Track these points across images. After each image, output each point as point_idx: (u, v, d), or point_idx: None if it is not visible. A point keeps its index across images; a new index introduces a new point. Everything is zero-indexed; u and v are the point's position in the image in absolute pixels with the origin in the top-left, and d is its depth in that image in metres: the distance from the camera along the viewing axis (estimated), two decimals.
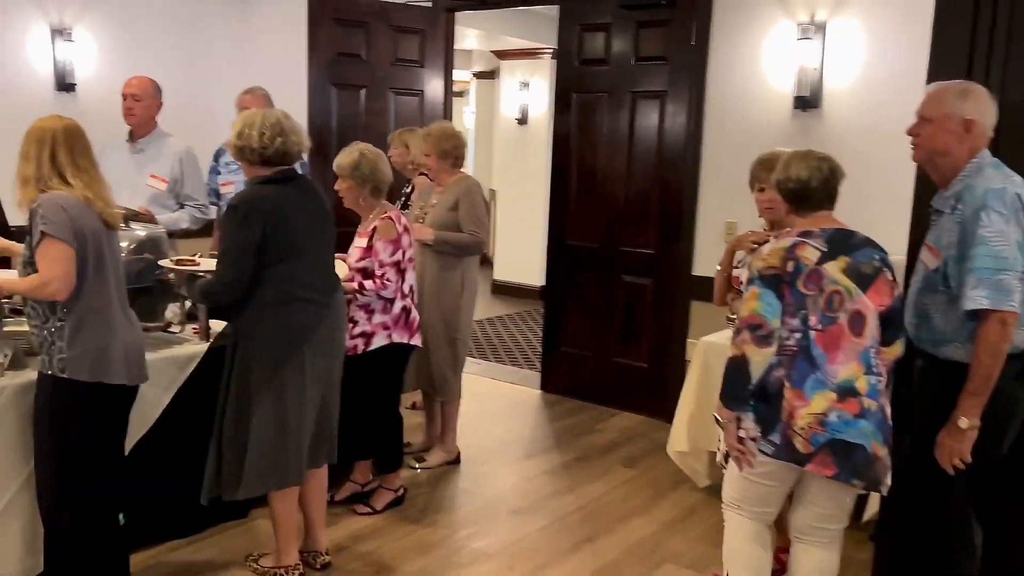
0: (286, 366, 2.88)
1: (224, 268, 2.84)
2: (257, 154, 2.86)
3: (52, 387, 2.58)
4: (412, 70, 5.56)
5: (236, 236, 2.80)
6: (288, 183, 2.92)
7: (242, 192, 2.93)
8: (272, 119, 2.88)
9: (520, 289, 8.70)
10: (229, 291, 2.85)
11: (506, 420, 4.97)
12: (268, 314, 2.88)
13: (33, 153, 2.54)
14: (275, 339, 2.88)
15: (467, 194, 4.02)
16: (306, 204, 2.94)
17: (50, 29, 5.51)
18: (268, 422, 2.89)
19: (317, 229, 2.96)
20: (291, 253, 2.86)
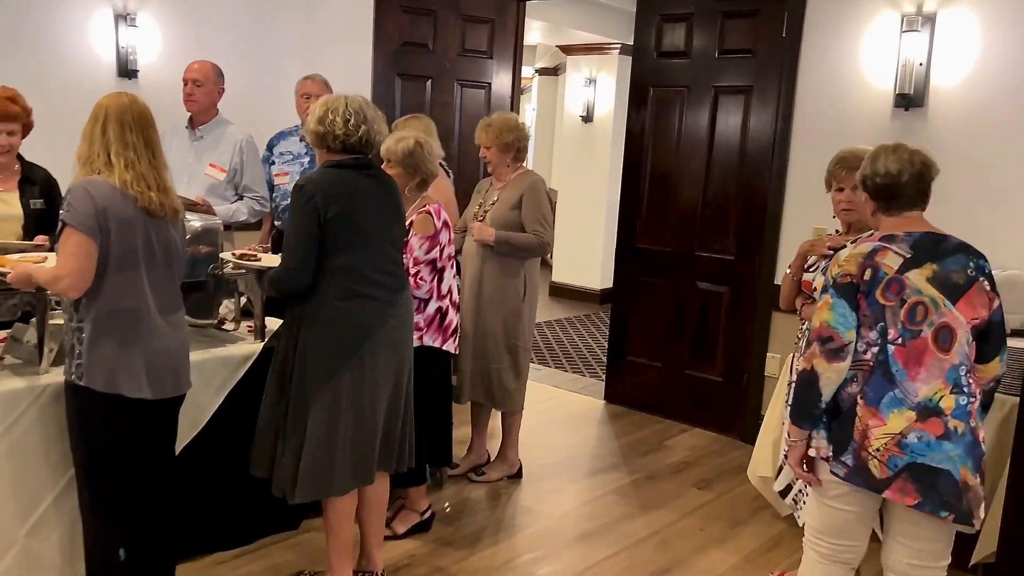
0: (344, 367, 2.66)
1: (290, 253, 2.66)
2: (340, 141, 2.67)
3: (72, 394, 2.41)
4: (479, 61, 5.33)
5: (301, 217, 2.61)
6: (361, 170, 2.73)
7: (310, 173, 2.75)
8: (356, 105, 2.70)
9: (580, 292, 8.42)
10: (298, 277, 2.64)
11: (568, 432, 4.70)
12: (327, 310, 2.67)
13: (88, 130, 2.38)
14: (334, 337, 2.68)
15: (531, 191, 3.75)
16: (377, 194, 2.74)
17: (113, 14, 5.41)
18: (322, 425, 2.69)
19: (385, 221, 2.75)
20: (355, 243, 2.66)
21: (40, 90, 3.83)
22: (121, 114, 2.37)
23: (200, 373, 2.80)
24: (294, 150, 4.27)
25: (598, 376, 5.74)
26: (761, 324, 4.53)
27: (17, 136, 3.06)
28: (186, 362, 2.57)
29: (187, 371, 2.57)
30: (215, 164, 4.03)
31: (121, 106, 2.38)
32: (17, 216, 3.10)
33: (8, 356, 2.74)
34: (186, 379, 2.57)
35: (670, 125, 4.84)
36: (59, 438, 2.56)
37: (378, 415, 2.73)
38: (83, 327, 2.35)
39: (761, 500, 3.66)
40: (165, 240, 2.47)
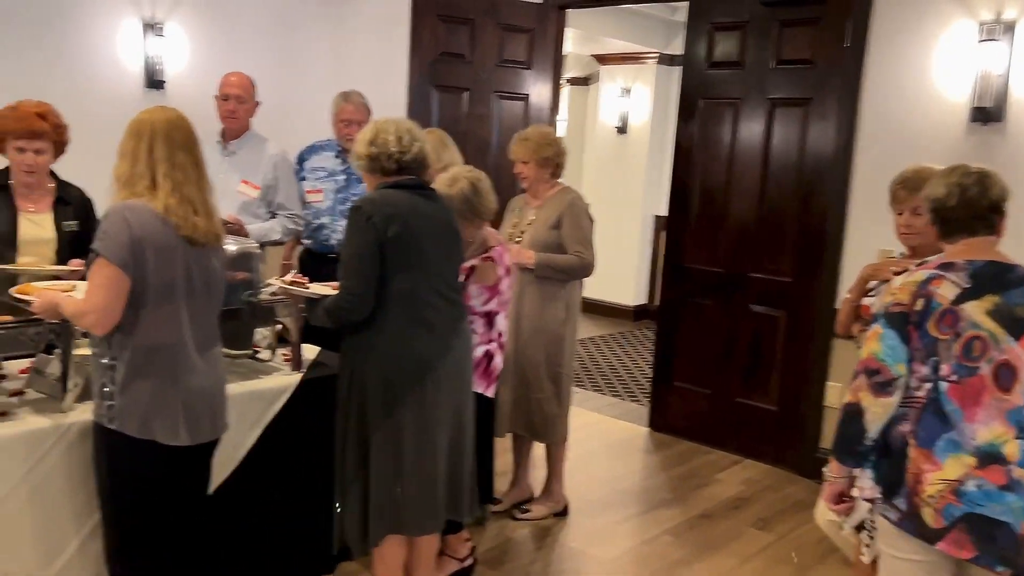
0: (403, 403, 2.46)
1: (348, 279, 2.46)
2: (394, 160, 2.50)
3: (100, 437, 2.20)
4: (518, 72, 5.12)
5: (361, 239, 2.43)
6: (417, 190, 2.54)
7: (368, 194, 2.55)
8: (406, 124, 2.56)
9: (613, 308, 8.17)
10: (358, 305, 2.45)
11: (613, 463, 4.46)
12: (384, 340, 2.48)
13: (129, 148, 2.17)
14: (392, 371, 2.48)
15: (571, 209, 3.52)
16: (433, 216, 2.55)
17: (141, 23, 5.24)
18: (386, 464, 2.49)
19: (443, 246, 2.56)
20: (415, 265, 2.47)
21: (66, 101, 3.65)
22: (169, 131, 2.17)
23: (234, 408, 2.58)
24: (328, 166, 4.06)
25: (638, 400, 5.49)
26: (820, 351, 4.27)
27: (46, 155, 2.85)
28: (224, 402, 2.36)
29: (224, 412, 2.37)
30: (248, 181, 3.83)
31: (169, 123, 2.18)
32: (50, 239, 2.90)
33: (31, 390, 2.55)
34: (223, 420, 2.36)
35: (721, 138, 4.60)
36: (84, 480, 2.36)
37: (440, 455, 2.52)
38: (116, 365, 2.14)
39: (828, 542, 3.39)
40: (206, 269, 2.26)
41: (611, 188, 8.10)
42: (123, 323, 2.13)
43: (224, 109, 3.77)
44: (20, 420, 2.31)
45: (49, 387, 2.50)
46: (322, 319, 2.58)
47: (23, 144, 2.79)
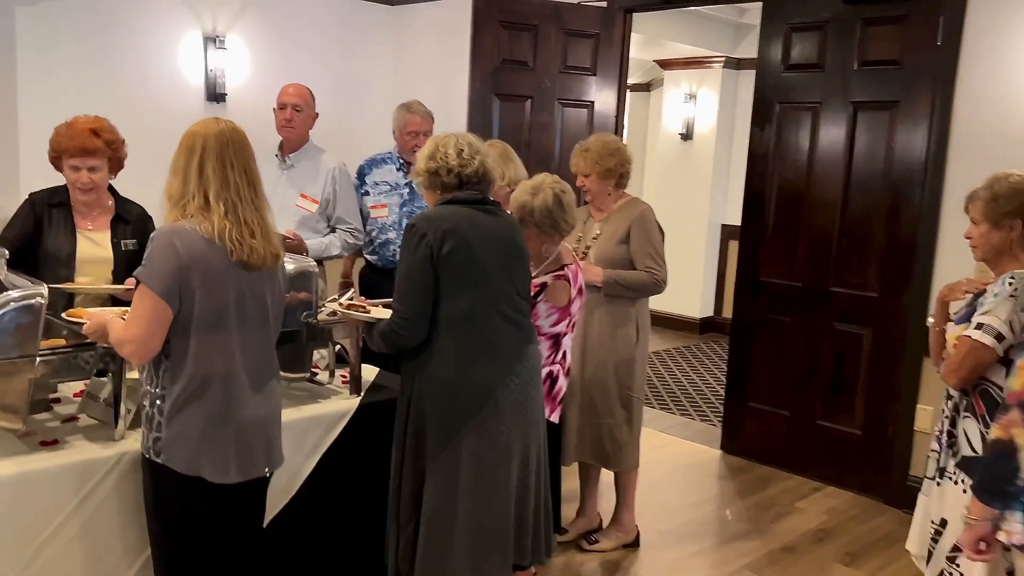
0: (462, 434, 2.30)
1: (402, 301, 2.32)
2: (455, 175, 2.36)
3: (148, 471, 2.08)
4: (582, 79, 4.93)
5: (413, 259, 2.29)
6: (478, 206, 2.39)
7: (423, 212, 2.40)
8: (468, 138, 2.41)
9: (677, 321, 7.90)
10: (410, 329, 2.31)
11: (685, 489, 4.22)
12: (441, 366, 2.32)
13: (181, 165, 2.05)
14: (449, 399, 2.32)
15: (640, 222, 3.32)
16: (495, 232, 2.38)
17: (202, 36, 5.23)
18: (439, 500, 2.32)
19: (507, 260, 2.39)
20: (473, 285, 2.31)
21: (128, 115, 3.61)
22: (221, 147, 2.04)
23: (291, 434, 2.46)
24: (391, 180, 3.93)
25: (709, 420, 5.24)
26: (910, 372, 3.97)
27: (101, 172, 2.77)
28: (279, 435, 2.23)
29: (280, 444, 2.23)
30: (307, 195, 3.73)
31: (221, 137, 2.05)
32: (108, 258, 2.83)
33: (84, 415, 2.46)
34: (279, 454, 2.23)
35: (800, 145, 4.34)
36: (136, 513, 2.25)
37: (503, 494, 2.34)
38: (163, 395, 2.03)
39: None
40: (260, 293, 2.13)
41: (675, 196, 7.85)
42: (171, 351, 2.02)
43: (281, 118, 3.67)
44: (71, 448, 2.22)
45: (102, 412, 2.41)
46: (378, 344, 2.44)
47: (77, 162, 2.72)
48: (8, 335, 2.07)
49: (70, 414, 2.47)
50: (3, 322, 2.06)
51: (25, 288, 2.14)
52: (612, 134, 3.80)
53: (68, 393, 2.65)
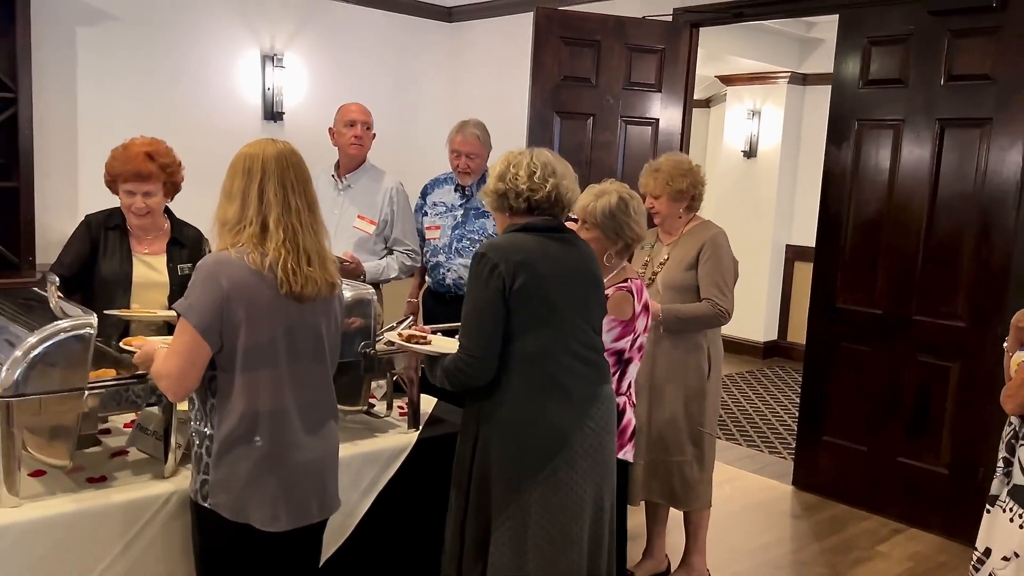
0: (532, 483, 2.13)
1: (471, 337, 2.14)
2: (524, 199, 2.20)
3: (196, 515, 1.96)
4: (646, 95, 4.76)
5: (483, 292, 2.13)
6: (552, 233, 2.21)
7: (493, 240, 2.23)
8: (543, 157, 2.23)
9: (740, 345, 7.63)
10: (480, 367, 2.14)
11: (757, 528, 3.98)
12: (512, 408, 2.16)
13: (237, 188, 1.92)
14: (520, 446, 2.15)
15: (711, 247, 3.13)
16: (571, 263, 2.22)
17: (260, 55, 5.21)
18: (505, 555, 2.16)
19: (582, 296, 2.22)
20: (546, 322, 2.14)
21: (187, 134, 3.57)
22: (282, 170, 1.92)
23: (347, 472, 2.33)
24: (447, 200, 3.81)
25: (779, 454, 4.98)
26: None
27: (155, 197, 2.69)
28: (334, 476, 2.09)
29: (335, 488, 2.09)
30: (364, 216, 3.62)
31: (280, 159, 1.93)
32: (163, 283, 2.75)
33: (133, 448, 2.36)
34: (334, 498, 2.09)
35: (879, 164, 4.10)
36: (183, 556, 2.13)
37: (576, 546, 2.16)
38: (211, 435, 1.91)
39: None
40: (314, 325, 2.00)
41: (737, 215, 7.59)
42: (217, 388, 1.90)
43: (351, 135, 3.57)
44: (119, 486, 2.11)
45: (152, 447, 2.30)
46: (441, 380, 2.27)
47: (132, 187, 2.65)
48: (56, 367, 1.98)
49: (119, 447, 2.37)
50: (51, 353, 1.97)
51: (75, 317, 2.05)
52: (683, 154, 3.60)
53: (119, 423, 2.56)
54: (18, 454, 1.94)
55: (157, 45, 4.80)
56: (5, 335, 2.12)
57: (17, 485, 1.94)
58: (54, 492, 2.04)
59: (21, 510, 1.93)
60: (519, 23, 5.45)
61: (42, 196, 4.39)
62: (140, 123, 4.44)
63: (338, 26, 5.50)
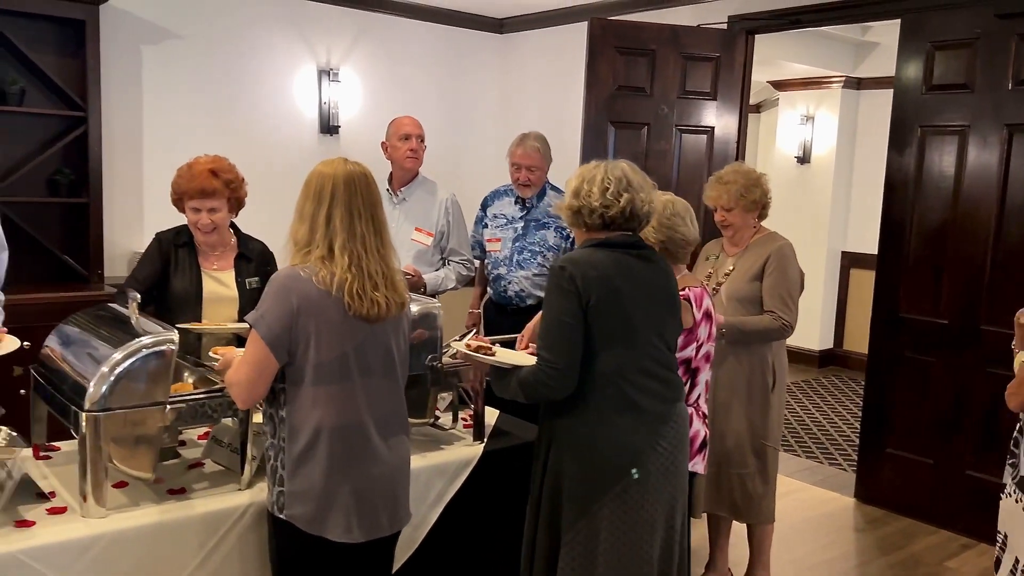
0: (603, 501, 2.12)
1: (552, 350, 2.12)
2: (598, 215, 2.18)
3: (272, 526, 2.00)
4: (701, 104, 4.73)
5: (563, 305, 2.11)
6: (629, 250, 2.20)
7: (571, 253, 2.22)
8: (617, 172, 2.20)
9: (796, 354, 7.49)
10: (561, 381, 2.11)
11: (819, 542, 3.92)
12: (586, 426, 2.15)
13: (308, 211, 1.97)
14: (591, 464, 2.14)
15: (778, 258, 3.10)
16: (647, 281, 2.20)
17: (317, 70, 5.30)
18: (573, 573, 2.15)
19: (658, 313, 2.21)
20: (622, 339, 2.14)
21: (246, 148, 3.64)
22: (350, 196, 1.97)
23: (415, 484, 2.33)
24: (507, 213, 3.83)
25: (840, 465, 4.90)
26: None
27: (220, 213, 2.74)
28: (406, 489, 2.12)
29: (407, 501, 2.12)
30: (421, 228, 3.65)
31: (350, 184, 1.97)
32: (232, 297, 2.80)
33: (209, 459, 2.42)
34: (405, 512, 2.11)
35: (944, 170, 4.02)
36: (259, 568, 2.17)
37: (646, 564, 2.15)
38: (284, 448, 1.96)
39: None
40: (384, 342, 2.03)
41: (790, 222, 7.44)
42: (288, 401, 1.95)
43: (406, 149, 3.60)
44: (198, 498, 2.16)
45: (227, 459, 2.36)
46: (513, 392, 2.25)
47: (197, 204, 2.70)
48: (139, 382, 2.04)
49: (195, 459, 2.43)
50: (135, 369, 2.03)
51: (156, 333, 2.11)
52: (746, 164, 3.56)
53: (192, 435, 2.62)
54: (105, 466, 2.00)
55: (218, 62, 4.91)
56: (87, 349, 2.20)
57: (105, 496, 2.00)
58: (137, 503, 2.10)
59: (108, 520, 1.99)
60: (571, 33, 5.47)
61: (109, 212, 4.53)
62: (201, 139, 4.57)
63: (392, 40, 5.57)
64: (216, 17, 4.88)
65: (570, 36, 5.47)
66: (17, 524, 1.94)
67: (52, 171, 4.37)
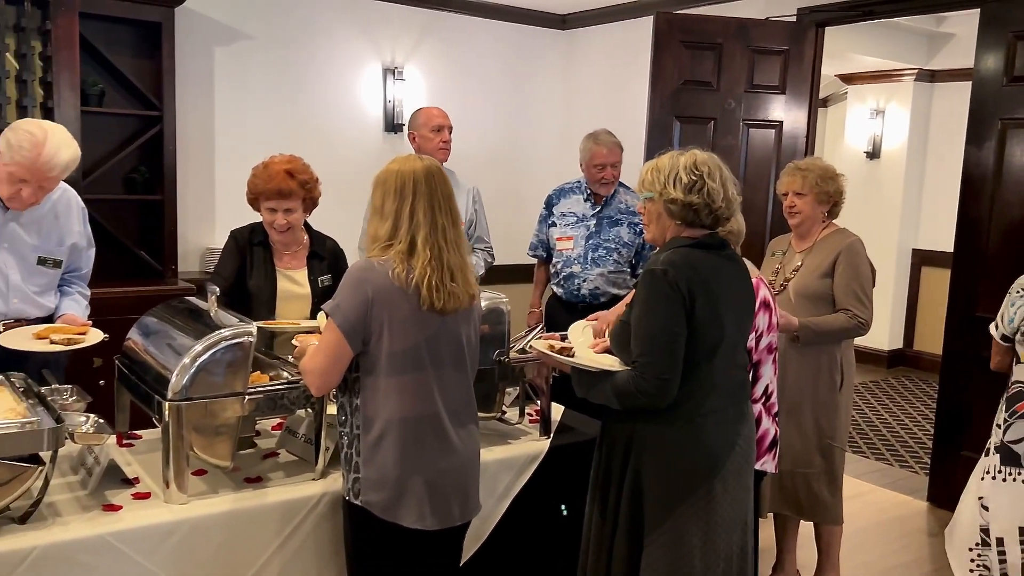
0: (686, 504, 2.08)
1: (653, 359, 2.02)
2: (678, 213, 2.11)
3: (348, 513, 2.04)
4: (769, 98, 4.65)
5: (667, 312, 2.01)
6: (719, 251, 2.15)
7: (669, 256, 2.11)
8: (701, 169, 2.12)
9: (863, 354, 7.30)
10: (664, 391, 2.02)
11: (891, 547, 3.82)
12: (676, 430, 2.08)
13: (390, 208, 2.00)
14: (675, 464, 2.09)
15: (848, 254, 3.02)
16: (734, 283, 2.16)
17: (382, 68, 5.36)
18: (657, 574, 2.12)
19: (739, 317, 2.17)
20: (715, 345, 2.08)
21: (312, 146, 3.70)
22: (431, 190, 2.00)
23: (482, 477, 2.35)
24: (577, 211, 3.83)
25: (911, 468, 4.77)
26: None
27: (296, 213, 2.78)
28: (476, 480, 2.14)
29: (476, 492, 2.14)
30: None
31: (429, 179, 2.01)
32: (306, 295, 2.86)
33: (283, 449, 2.48)
34: (475, 502, 2.13)
35: None
36: (332, 556, 2.22)
37: (728, 563, 2.13)
38: (359, 436, 2.00)
39: None
40: (456, 335, 2.05)
41: (859, 218, 7.26)
42: (362, 390, 1.99)
43: (438, 141, 3.64)
44: (274, 487, 2.21)
45: (301, 449, 2.41)
46: (605, 398, 2.14)
47: (273, 204, 2.75)
48: (219, 373, 2.10)
49: (270, 449, 2.49)
50: (214, 360, 2.09)
51: (235, 326, 2.17)
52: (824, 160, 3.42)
53: (266, 426, 2.68)
54: (186, 454, 2.06)
55: (286, 62, 5.01)
56: (168, 341, 2.27)
57: (186, 483, 2.07)
58: (216, 491, 2.16)
59: (189, 507, 2.05)
60: (635, 28, 5.43)
61: (183, 208, 4.65)
62: (270, 138, 4.67)
63: (455, 38, 5.61)
64: (285, 17, 4.97)
65: (634, 31, 5.43)
66: (105, 508, 2.02)
67: (129, 169, 4.52)
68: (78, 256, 2.79)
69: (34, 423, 1.90)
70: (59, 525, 1.92)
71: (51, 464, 1.92)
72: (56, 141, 2.45)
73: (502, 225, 5.49)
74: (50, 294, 2.69)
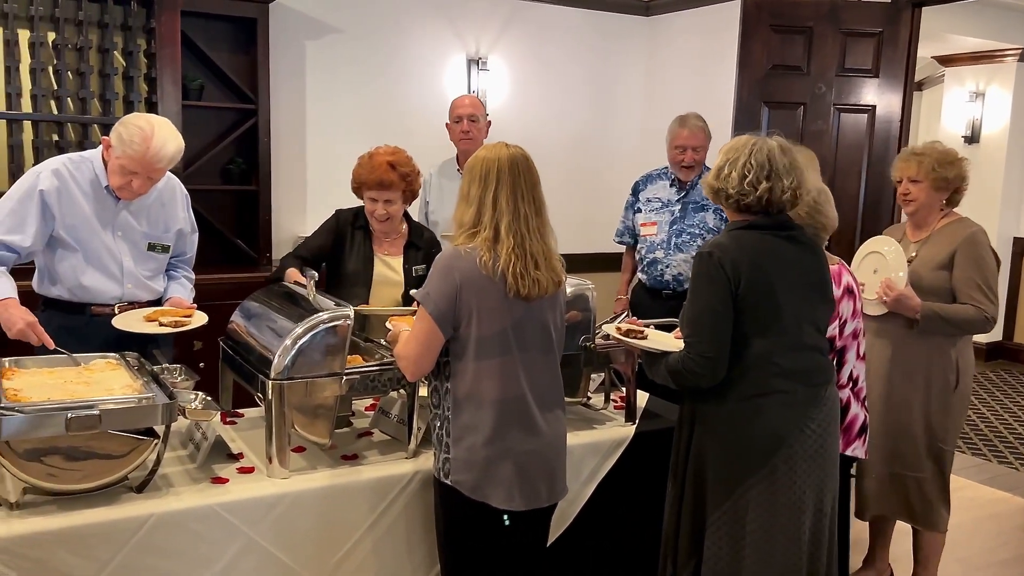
0: (749, 484, 2.11)
1: (698, 338, 2.12)
2: (733, 200, 2.16)
3: (439, 492, 2.10)
4: (862, 82, 4.53)
5: (711, 292, 2.10)
6: (778, 232, 2.16)
7: (717, 238, 2.19)
8: (762, 156, 2.13)
9: None
10: (710, 370, 2.11)
11: (989, 544, 3.69)
12: (731, 409, 2.14)
13: (474, 195, 2.05)
14: (736, 443, 2.13)
15: (969, 245, 2.84)
16: (796, 262, 2.15)
17: (467, 59, 5.42)
18: (720, 555, 2.14)
19: (808, 296, 2.16)
20: (770, 324, 2.10)
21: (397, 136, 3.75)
22: (514, 178, 2.03)
23: (568, 461, 2.38)
24: (663, 196, 3.80)
25: (1010, 464, 4.59)
26: None
27: (395, 205, 2.86)
28: (562, 463, 2.18)
29: (563, 475, 2.18)
30: None
31: (513, 167, 2.04)
32: (398, 282, 2.94)
33: (376, 429, 2.56)
34: (562, 485, 2.17)
35: None
36: (423, 533, 2.30)
37: (794, 544, 2.12)
38: (448, 418, 2.06)
39: None
40: (542, 319, 2.09)
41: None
42: (452, 374, 2.05)
43: (459, 131, 3.67)
44: (369, 464, 2.30)
45: (394, 429, 2.49)
46: (663, 378, 2.26)
47: (375, 195, 2.83)
48: (318, 354, 2.19)
49: (364, 428, 2.58)
50: (314, 342, 2.18)
51: (332, 310, 2.25)
52: (945, 144, 3.23)
53: (360, 406, 2.77)
54: (288, 431, 2.16)
55: (373, 54, 5.12)
56: (268, 323, 2.37)
57: (288, 459, 2.17)
58: (315, 467, 2.25)
59: (290, 481, 2.15)
60: (721, 13, 5.33)
61: (276, 198, 4.81)
62: (358, 129, 4.79)
63: (538, 27, 5.62)
64: (371, 9, 5.08)
65: (720, 16, 5.34)
66: (213, 480, 2.13)
67: (226, 160, 4.70)
68: (183, 241, 2.93)
69: (150, 399, 2.02)
70: (172, 495, 2.04)
71: (164, 438, 2.04)
72: (163, 135, 2.58)
73: (585, 213, 5.51)
74: (159, 278, 2.84)
